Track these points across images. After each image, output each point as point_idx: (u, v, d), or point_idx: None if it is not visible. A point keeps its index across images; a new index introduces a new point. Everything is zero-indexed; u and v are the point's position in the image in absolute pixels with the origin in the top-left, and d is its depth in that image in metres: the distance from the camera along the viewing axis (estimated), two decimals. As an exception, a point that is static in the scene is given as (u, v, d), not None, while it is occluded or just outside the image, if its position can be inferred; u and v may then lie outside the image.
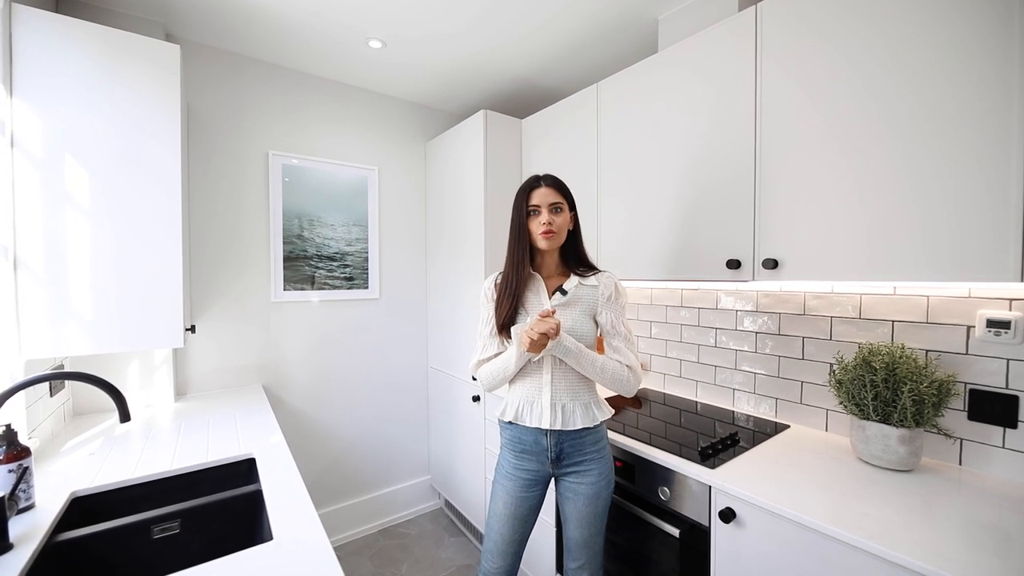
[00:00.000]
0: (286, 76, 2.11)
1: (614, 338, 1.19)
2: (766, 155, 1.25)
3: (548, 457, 1.18)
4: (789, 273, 1.21)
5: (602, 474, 1.18)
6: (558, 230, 1.18)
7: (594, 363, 1.14)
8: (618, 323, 1.19)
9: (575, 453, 1.17)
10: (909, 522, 0.91)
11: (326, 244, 2.22)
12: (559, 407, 1.16)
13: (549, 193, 1.18)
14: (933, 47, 0.96)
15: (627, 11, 1.64)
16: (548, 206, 1.17)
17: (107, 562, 0.99)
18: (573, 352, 1.12)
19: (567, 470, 1.19)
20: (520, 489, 1.21)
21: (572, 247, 1.25)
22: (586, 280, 1.22)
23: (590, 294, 1.21)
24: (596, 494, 1.17)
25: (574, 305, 1.20)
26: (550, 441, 1.17)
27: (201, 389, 1.93)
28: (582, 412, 1.17)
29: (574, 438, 1.17)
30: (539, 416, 1.17)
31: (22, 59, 1.17)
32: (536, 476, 1.21)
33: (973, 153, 0.92)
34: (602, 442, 1.21)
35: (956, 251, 0.94)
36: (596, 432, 1.19)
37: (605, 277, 1.22)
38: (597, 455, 1.18)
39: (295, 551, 0.84)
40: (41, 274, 1.20)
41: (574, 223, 1.25)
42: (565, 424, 1.16)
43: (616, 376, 1.15)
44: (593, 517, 1.18)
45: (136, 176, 1.31)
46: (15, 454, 0.94)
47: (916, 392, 1.08)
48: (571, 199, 1.23)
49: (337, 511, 2.27)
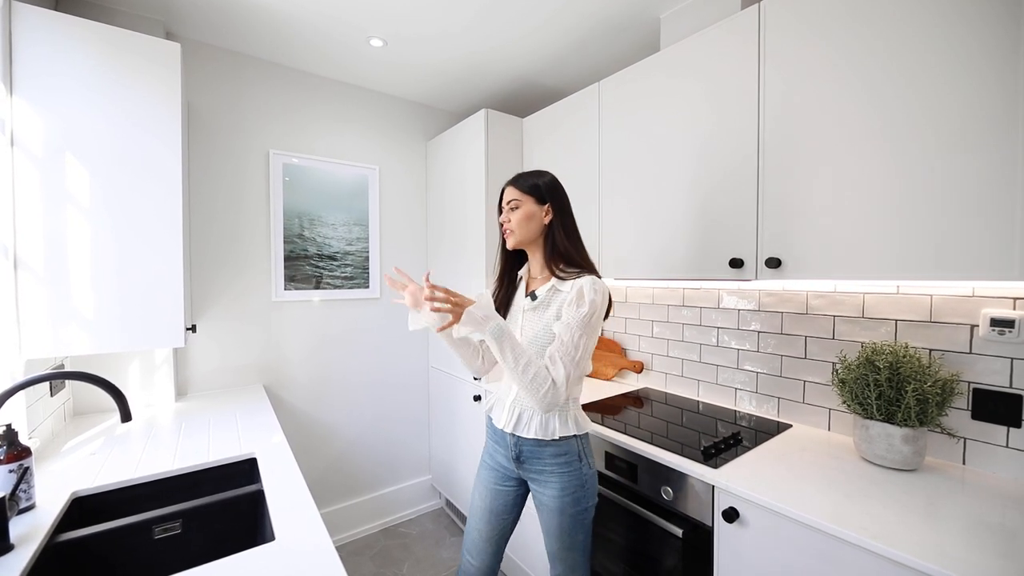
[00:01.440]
0: (287, 75, 2.11)
1: (554, 347, 1.04)
2: (769, 154, 1.24)
3: (511, 455, 1.17)
4: (792, 272, 1.21)
5: (565, 490, 1.10)
6: (515, 227, 1.15)
7: (517, 357, 1.01)
8: (565, 332, 1.04)
9: (534, 460, 1.14)
10: (913, 522, 0.90)
11: (327, 243, 2.21)
12: (517, 411, 1.14)
13: (509, 191, 1.18)
14: (937, 47, 0.96)
15: (629, 9, 1.63)
16: (506, 204, 1.17)
17: (108, 562, 0.98)
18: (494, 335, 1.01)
19: (530, 475, 1.16)
20: (495, 481, 1.22)
21: (553, 242, 1.15)
22: (562, 285, 1.12)
23: (560, 300, 1.11)
24: (559, 509, 1.11)
25: (543, 310, 1.13)
26: (511, 440, 1.16)
27: (202, 389, 1.93)
28: (539, 423, 1.11)
29: (532, 445, 1.13)
30: (500, 415, 1.19)
31: (22, 57, 1.16)
32: (506, 471, 1.21)
33: (978, 152, 0.91)
34: (565, 458, 1.11)
35: (961, 250, 0.94)
36: (557, 446, 1.11)
37: (579, 281, 1.08)
38: (558, 470, 1.11)
39: (297, 551, 0.84)
40: (41, 273, 1.20)
41: (554, 214, 1.15)
42: (517, 429, 1.13)
43: (535, 383, 1.01)
44: (560, 531, 1.12)
45: (137, 175, 1.30)
46: (15, 454, 0.94)
47: (920, 391, 1.08)
48: (539, 194, 1.14)
49: (338, 511, 2.27)
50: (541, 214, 1.15)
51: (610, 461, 1.41)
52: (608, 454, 1.42)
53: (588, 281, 1.07)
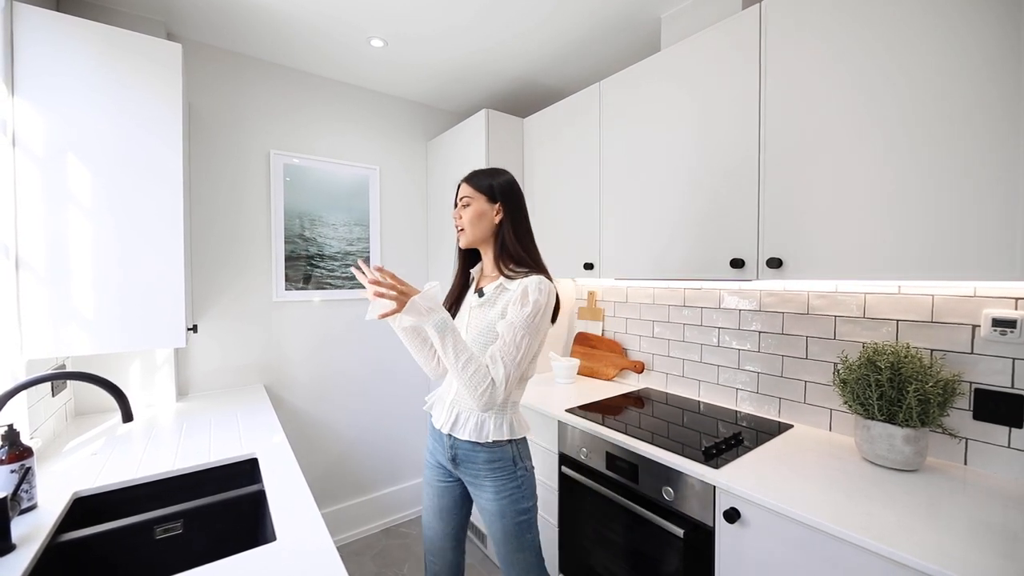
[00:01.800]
0: (287, 75, 2.11)
1: (496, 346, 1.03)
2: (770, 153, 1.24)
3: (448, 455, 1.16)
4: (793, 272, 1.20)
5: (500, 492, 1.09)
6: (465, 225, 1.15)
7: (458, 353, 0.99)
8: (509, 331, 1.02)
9: (468, 463, 1.12)
10: (914, 522, 0.90)
11: (327, 244, 2.21)
12: (455, 411, 1.13)
13: (462, 188, 1.17)
14: (938, 46, 0.96)
15: (629, 9, 1.63)
16: (459, 201, 1.16)
17: (110, 562, 0.98)
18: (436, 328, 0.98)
19: (466, 477, 1.15)
20: (438, 478, 1.22)
21: (502, 241, 1.14)
22: (510, 284, 1.11)
23: (507, 298, 1.09)
24: (499, 512, 1.09)
25: (489, 307, 1.12)
26: (448, 440, 1.15)
27: (202, 389, 1.93)
28: (474, 425, 1.09)
29: (467, 448, 1.11)
30: (438, 413, 1.18)
31: (24, 58, 1.16)
32: (446, 469, 1.20)
33: (979, 152, 0.91)
34: (499, 463, 1.09)
35: (962, 250, 0.94)
36: (491, 451, 1.09)
37: (525, 280, 1.07)
38: (492, 475, 1.09)
39: (299, 552, 0.84)
40: (43, 274, 1.20)
41: (504, 214, 1.14)
42: (453, 430, 1.12)
43: (475, 380, 0.99)
44: (505, 535, 1.10)
45: (138, 175, 1.30)
46: (17, 454, 0.94)
47: (921, 391, 1.08)
48: (492, 193, 1.14)
49: (339, 511, 2.27)
50: (492, 213, 1.14)
51: (611, 461, 1.41)
52: (609, 454, 1.42)
53: (534, 281, 1.06)
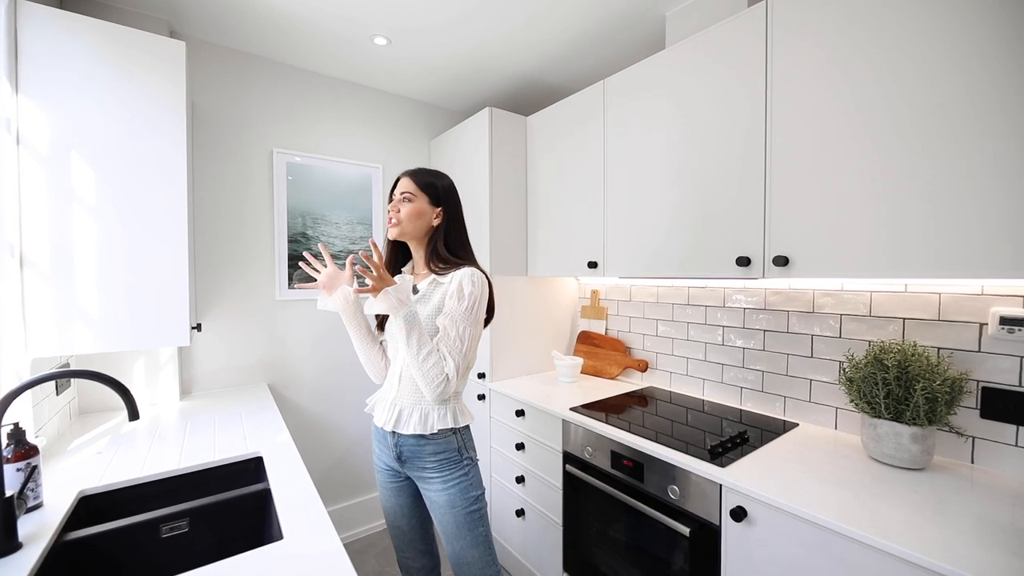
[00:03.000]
0: (290, 74, 2.10)
1: (441, 341, 1.06)
2: (776, 151, 1.24)
3: (393, 454, 1.17)
4: (800, 270, 1.20)
5: (448, 482, 1.11)
6: (401, 220, 1.14)
7: (421, 346, 1.02)
8: (452, 326, 1.06)
9: (415, 459, 1.13)
10: (922, 520, 0.90)
11: (330, 242, 2.21)
12: (397, 408, 1.13)
13: (405, 182, 1.17)
14: (946, 41, 0.95)
15: (633, 7, 1.62)
16: (399, 195, 1.16)
17: (116, 561, 0.98)
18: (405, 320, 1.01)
19: (413, 473, 1.16)
20: (389, 480, 1.23)
21: (435, 245, 1.17)
22: (442, 278, 1.14)
23: (442, 292, 1.12)
24: (449, 503, 1.11)
25: (425, 303, 1.14)
26: (392, 439, 1.16)
27: (206, 387, 1.93)
28: (418, 418, 1.11)
29: (412, 444, 1.13)
30: (380, 413, 1.18)
31: (27, 56, 1.16)
32: (395, 470, 1.21)
33: (987, 149, 0.91)
34: (445, 453, 1.12)
35: (969, 247, 0.93)
36: (436, 442, 1.11)
37: (458, 273, 1.11)
38: (439, 466, 1.11)
39: (306, 550, 0.84)
40: (47, 272, 1.20)
41: (444, 221, 1.18)
42: (397, 426, 1.12)
43: (431, 375, 1.03)
44: (457, 528, 1.11)
45: (142, 173, 1.30)
46: (23, 452, 0.94)
47: (929, 390, 1.07)
48: (435, 194, 1.17)
49: (343, 509, 2.27)
50: (432, 215, 1.17)
51: (616, 460, 1.41)
52: (614, 453, 1.41)
53: (467, 273, 1.10)
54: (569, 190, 1.93)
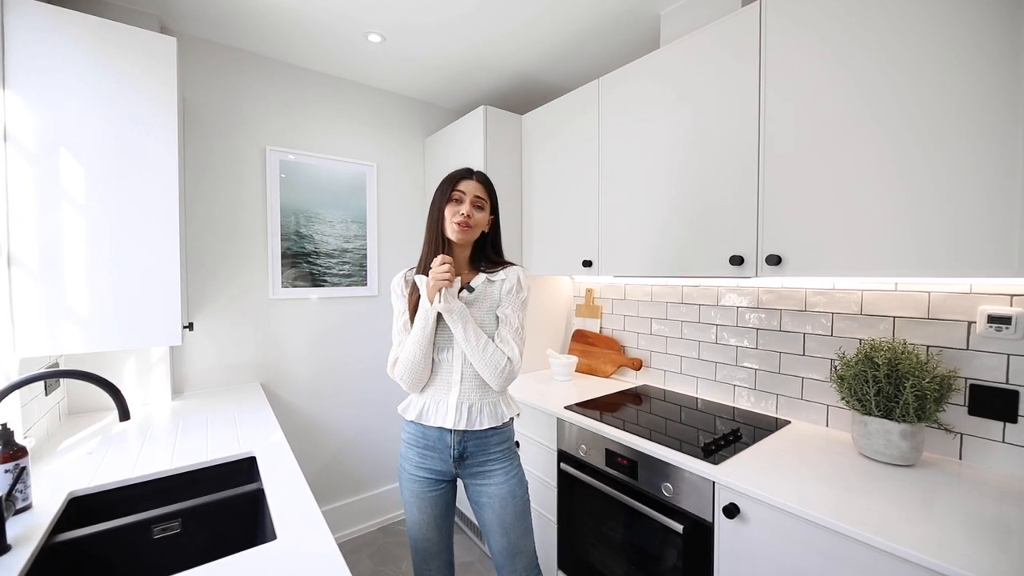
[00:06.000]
0: (284, 71, 2.08)
1: (504, 328, 1.15)
2: (769, 150, 1.25)
3: (451, 455, 1.15)
4: (792, 269, 1.21)
5: (510, 473, 1.16)
6: (474, 225, 1.15)
7: (479, 338, 1.10)
8: (513, 316, 1.16)
9: (479, 453, 1.15)
10: (911, 516, 0.91)
11: (324, 241, 2.20)
12: (465, 407, 1.14)
13: (477, 187, 1.17)
14: (932, 43, 0.96)
15: (628, 6, 1.63)
16: (472, 198, 1.15)
17: (107, 563, 0.97)
18: (459, 315, 1.09)
19: (472, 471, 1.16)
20: (428, 489, 1.18)
21: (483, 249, 1.23)
22: (494, 276, 1.19)
23: (496, 290, 1.18)
24: (510, 493, 1.15)
25: (480, 303, 1.16)
26: (454, 439, 1.14)
27: (199, 387, 1.91)
28: (489, 411, 1.15)
29: (479, 438, 1.15)
30: (443, 415, 1.14)
31: (14, 50, 1.14)
32: (440, 475, 1.18)
33: (976, 149, 0.92)
34: (509, 442, 1.19)
35: (959, 247, 0.95)
36: (503, 432, 1.18)
37: (511, 271, 1.20)
38: (502, 455, 1.17)
39: (299, 550, 0.84)
40: (36, 271, 1.18)
41: (492, 226, 1.23)
42: (470, 424, 1.13)
43: (494, 361, 1.10)
44: (516, 519, 1.15)
45: (132, 171, 1.28)
46: (11, 454, 0.93)
47: (918, 387, 1.09)
48: (495, 202, 1.22)
49: (337, 508, 2.26)
50: (487, 221, 1.21)
51: (610, 458, 1.41)
52: (608, 451, 1.42)
53: (520, 270, 1.21)
54: (563, 188, 1.94)
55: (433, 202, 1.18)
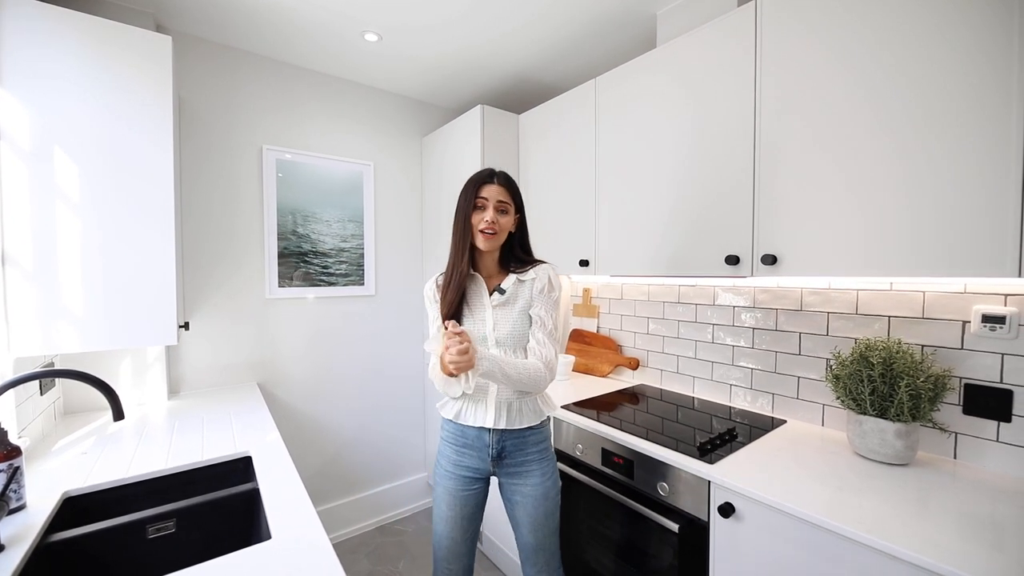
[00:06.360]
0: (281, 70, 2.08)
1: (539, 330, 1.15)
2: (765, 150, 1.25)
3: (489, 454, 1.16)
4: (788, 269, 1.21)
5: (546, 474, 1.17)
6: (500, 231, 1.15)
7: (518, 371, 1.07)
8: (547, 316, 1.16)
9: (517, 452, 1.16)
10: (905, 515, 0.92)
11: (321, 240, 2.19)
12: (505, 406, 1.14)
13: (499, 191, 1.15)
14: (928, 42, 0.97)
15: (625, 5, 1.63)
16: (495, 204, 1.14)
17: (102, 563, 0.97)
18: (491, 375, 1.04)
19: (509, 470, 1.17)
20: (462, 487, 1.19)
21: (511, 249, 1.22)
22: (524, 276, 1.19)
23: (527, 289, 1.18)
24: (544, 494, 1.16)
25: (512, 304, 1.17)
26: (492, 438, 1.15)
27: (194, 387, 1.91)
28: (528, 410, 1.16)
29: (517, 437, 1.16)
30: (483, 415, 1.14)
31: (8, 48, 1.14)
32: (477, 473, 1.19)
33: (972, 149, 0.92)
34: (546, 442, 1.20)
35: (954, 247, 0.95)
36: (541, 431, 1.19)
37: (541, 269, 1.19)
38: (540, 455, 1.18)
39: (294, 550, 0.83)
40: (30, 270, 1.18)
41: (517, 225, 1.22)
42: (510, 423, 1.14)
43: (533, 377, 1.08)
44: (545, 518, 1.17)
45: (127, 170, 1.28)
46: (5, 453, 0.92)
47: (913, 387, 1.09)
48: (519, 201, 1.21)
49: (334, 508, 2.26)
50: (512, 223, 1.19)
51: (606, 457, 1.42)
52: (604, 450, 1.42)
53: (550, 268, 1.20)
54: (560, 188, 1.94)
55: (458, 209, 1.17)
